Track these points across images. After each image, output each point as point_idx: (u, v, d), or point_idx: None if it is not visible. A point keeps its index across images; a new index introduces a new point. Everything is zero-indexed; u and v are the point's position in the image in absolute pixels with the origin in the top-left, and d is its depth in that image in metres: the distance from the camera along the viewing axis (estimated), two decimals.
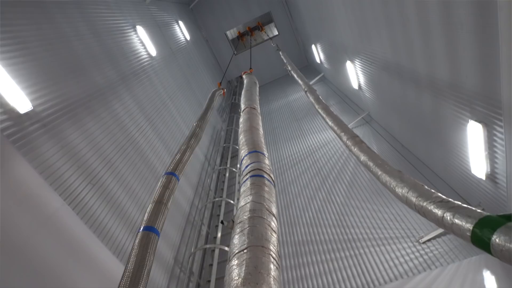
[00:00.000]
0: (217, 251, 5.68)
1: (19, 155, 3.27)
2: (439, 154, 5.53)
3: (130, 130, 5.65)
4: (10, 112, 3.38)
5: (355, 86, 8.85)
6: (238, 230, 1.72)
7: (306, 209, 6.88)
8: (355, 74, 8.48)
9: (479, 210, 1.32)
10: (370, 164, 2.17)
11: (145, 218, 2.35)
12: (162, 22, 10.80)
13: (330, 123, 3.24)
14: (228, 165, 9.00)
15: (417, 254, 4.83)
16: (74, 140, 4.16)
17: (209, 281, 5.48)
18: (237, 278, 1.32)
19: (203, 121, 4.28)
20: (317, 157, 8.52)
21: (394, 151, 7.22)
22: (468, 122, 4.06)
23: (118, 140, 5.14)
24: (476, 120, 3.88)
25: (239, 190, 7.21)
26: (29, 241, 3.01)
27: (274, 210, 1.99)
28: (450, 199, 1.50)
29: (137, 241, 2.12)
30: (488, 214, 1.27)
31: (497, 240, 1.13)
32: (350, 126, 8.96)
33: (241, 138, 3.07)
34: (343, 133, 2.80)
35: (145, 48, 8.02)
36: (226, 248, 5.77)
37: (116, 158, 4.87)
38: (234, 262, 1.45)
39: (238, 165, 3.08)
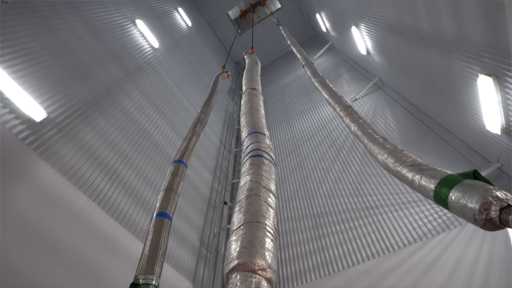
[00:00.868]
0: None
1: (41, 160, 3.53)
2: (452, 112, 5.35)
3: (142, 124, 5.86)
4: (28, 122, 3.62)
5: (363, 52, 8.55)
6: (237, 209, 1.83)
7: (323, 181, 6.95)
8: (361, 39, 8.18)
9: (444, 171, 1.35)
10: (359, 133, 2.19)
11: (157, 205, 2.52)
12: (161, 12, 10.75)
13: (325, 95, 3.24)
14: (237, 148, 9.12)
15: (435, 215, 4.83)
16: (89, 140, 4.40)
17: None
18: (233, 252, 1.43)
19: (208, 106, 4.36)
20: (331, 129, 8.47)
21: (408, 114, 7.04)
22: (478, 76, 3.89)
23: (131, 134, 5.37)
24: (486, 74, 3.71)
25: (239, 171, 7.38)
26: (63, 237, 3.32)
27: (272, 187, 2.07)
28: (422, 163, 1.53)
29: (151, 226, 2.30)
30: (450, 173, 1.29)
31: (452, 198, 1.17)
32: (361, 93, 8.80)
33: (242, 120, 3.14)
34: (337, 105, 2.81)
35: (147, 41, 8.09)
36: None
37: (132, 152, 5.11)
38: (233, 238, 1.57)
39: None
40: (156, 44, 8.46)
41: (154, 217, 2.42)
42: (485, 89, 3.82)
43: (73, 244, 3.35)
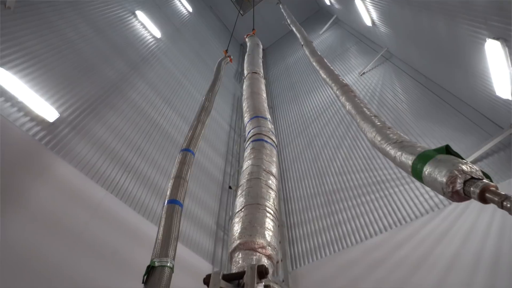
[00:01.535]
0: None
1: (59, 159, 3.74)
2: (462, 80, 5.20)
3: (151, 115, 6.00)
4: (42, 123, 3.80)
5: (369, 23, 8.27)
6: (239, 193, 1.93)
7: (333, 158, 6.98)
8: (365, 10, 7.89)
9: (421, 147, 1.39)
10: (353, 112, 2.20)
11: (168, 193, 2.65)
12: (161, 0, 10.64)
13: (323, 75, 3.22)
14: None
15: None
16: (102, 135, 4.58)
17: None
18: (235, 233, 1.54)
19: (212, 93, 4.41)
20: (339, 106, 8.36)
21: (418, 85, 6.86)
22: (485, 41, 3.75)
23: (141, 126, 5.53)
24: (493, 38, 3.57)
25: None
26: (87, 228, 3.56)
27: (273, 170, 2.14)
28: (405, 140, 1.56)
29: (163, 213, 2.44)
30: (425, 149, 1.32)
31: (426, 173, 1.21)
32: (369, 66, 8.58)
33: (244, 105, 3.19)
34: (333, 84, 2.80)
35: (149, 32, 8.10)
36: None
37: (143, 143, 5.28)
38: (235, 220, 1.68)
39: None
40: (158, 34, 8.47)
41: (165, 204, 2.57)
42: (494, 53, 3.68)
43: (97, 233, 3.59)
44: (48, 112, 3.90)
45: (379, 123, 1.83)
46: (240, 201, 1.81)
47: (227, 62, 6.28)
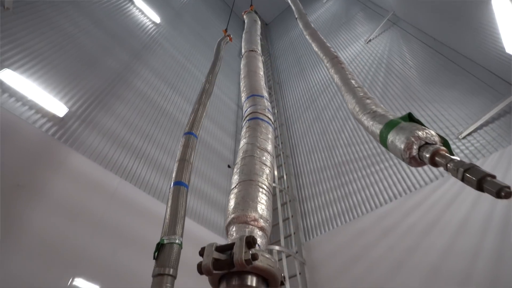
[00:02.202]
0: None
1: (73, 151, 3.95)
2: (471, 39, 4.97)
3: (157, 101, 6.11)
4: (53, 119, 3.99)
5: None
6: (234, 171, 2.01)
7: (342, 130, 6.95)
8: None
9: (389, 116, 1.41)
10: (339, 83, 2.19)
11: (173, 175, 2.79)
12: None
13: (315, 48, 3.16)
14: None
15: (457, 150, 4.75)
16: (111, 125, 4.75)
17: None
18: (230, 208, 1.65)
19: (212, 75, 4.43)
20: None
21: (426, 48, 6.60)
22: None
23: (148, 113, 5.67)
24: None
25: None
26: (105, 214, 3.80)
27: (268, 147, 2.17)
28: (378, 110, 1.57)
29: (170, 194, 2.59)
30: (393, 119, 1.34)
31: (389, 140, 1.24)
32: (375, 32, 8.27)
33: (241, 85, 3.21)
34: (324, 56, 2.76)
35: (148, 18, 8.05)
36: (274, 184, 6.33)
37: (152, 129, 5.44)
38: (230, 197, 1.78)
39: None
40: (157, 19, 8.40)
41: (172, 186, 2.71)
42: (502, 9, 3.48)
43: (114, 218, 3.84)
44: (57, 107, 4.07)
45: (361, 94, 1.83)
46: (234, 178, 1.89)
47: (227, 41, 6.21)
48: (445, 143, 1.21)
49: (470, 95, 5.20)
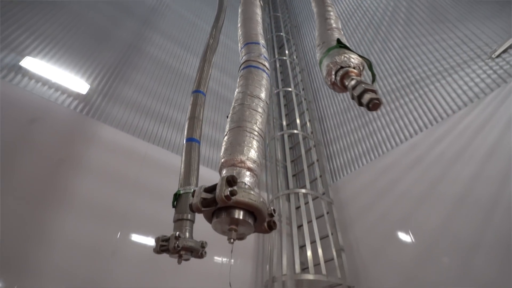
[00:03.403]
0: (285, 136, 6.38)
1: (101, 124, 4.32)
2: None
3: (173, 65, 6.23)
4: (78, 97, 4.34)
5: None
6: (227, 120, 2.13)
7: None
8: None
9: (330, 45, 1.37)
10: (317, 21, 2.06)
11: (185, 133, 3.00)
12: None
13: None
14: (276, 56, 8.86)
15: (489, 72, 4.35)
16: (132, 95, 5.04)
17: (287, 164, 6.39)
18: (221, 154, 1.81)
19: (216, 29, 4.36)
20: (366, 7, 7.51)
21: None
22: None
23: (166, 78, 5.84)
24: None
25: (282, 80, 7.29)
26: (138, 176, 4.24)
27: (260, 93, 2.21)
28: (332, 42, 1.51)
29: (183, 150, 2.82)
30: (332, 46, 1.29)
31: (322, 68, 1.23)
32: None
33: (238, 34, 3.17)
34: None
35: None
36: (295, 131, 6.39)
37: (171, 93, 5.66)
38: (222, 144, 1.92)
39: None
40: None
41: (184, 142, 2.93)
42: None
43: (148, 179, 4.28)
44: (80, 85, 4.39)
45: (328, 26, 1.75)
46: (226, 127, 2.00)
47: None
48: (370, 66, 1.19)
49: (506, 7, 4.56)
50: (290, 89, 7.48)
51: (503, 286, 3.11)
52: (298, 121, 6.66)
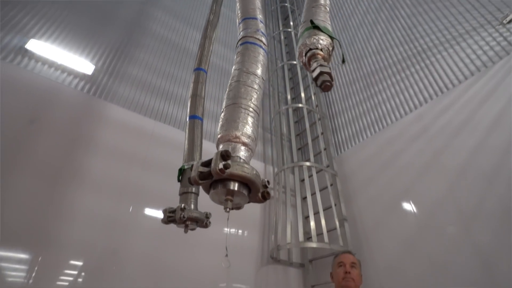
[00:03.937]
0: (290, 110, 6.39)
1: (107, 103, 4.44)
2: None
3: (177, 41, 6.19)
4: (84, 77, 4.43)
5: None
6: (224, 98, 2.19)
7: (370, 37, 6.44)
8: None
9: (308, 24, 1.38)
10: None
11: (188, 110, 3.08)
12: None
13: None
14: (280, 28, 8.63)
15: (499, 39, 4.22)
16: (137, 73, 5.10)
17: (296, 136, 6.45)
18: (218, 130, 1.90)
19: (216, 3, 4.28)
20: None
21: None
22: None
23: (170, 55, 5.85)
24: None
25: (288, 52, 7.10)
26: (147, 153, 4.41)
27: (255, 70, 2.23)
28: (317, 21, 1.51)
29: (186, 127, 2.93)
30: (307, 27, 1.30)
31: (299, 44, 1.24)
32: None
33: (236, 7, 3.13)
34: None
35: None
36: (300, 105, 6.40)
37: (176, 70, 5.69)
38: (219, 121, 2.00)
39: None
40: None
41: (187, 120, 3.02)
42: None
43: (157, 156, 4.44)
44: (85, 66, 4.47)
45: (313, 3, 1.73)
46: (223, 104, 2.07)
47: None
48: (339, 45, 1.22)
49: None
50: (295, 62, 7.38)
51: (502, 249, 3.23)
52: (303, 94, 6.64)
